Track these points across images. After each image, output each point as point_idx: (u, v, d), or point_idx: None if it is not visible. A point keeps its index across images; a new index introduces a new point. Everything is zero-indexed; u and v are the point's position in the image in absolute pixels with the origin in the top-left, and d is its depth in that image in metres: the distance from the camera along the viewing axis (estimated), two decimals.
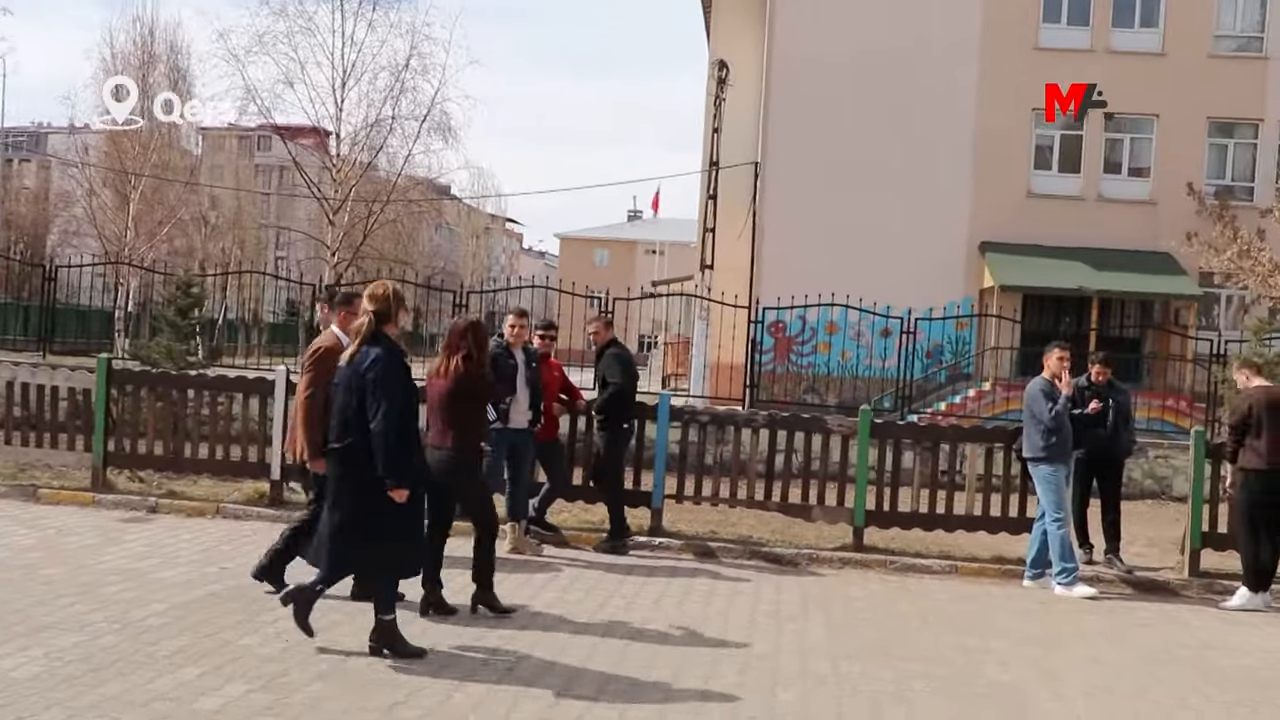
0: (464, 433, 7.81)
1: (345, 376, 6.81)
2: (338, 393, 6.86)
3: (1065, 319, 28.38)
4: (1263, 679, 7.70)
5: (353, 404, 6.72)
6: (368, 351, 6.76)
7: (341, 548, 6.77)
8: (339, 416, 6.82)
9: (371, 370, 6.67)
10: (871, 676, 7.12)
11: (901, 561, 11.00)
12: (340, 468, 6.81)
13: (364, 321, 6.87)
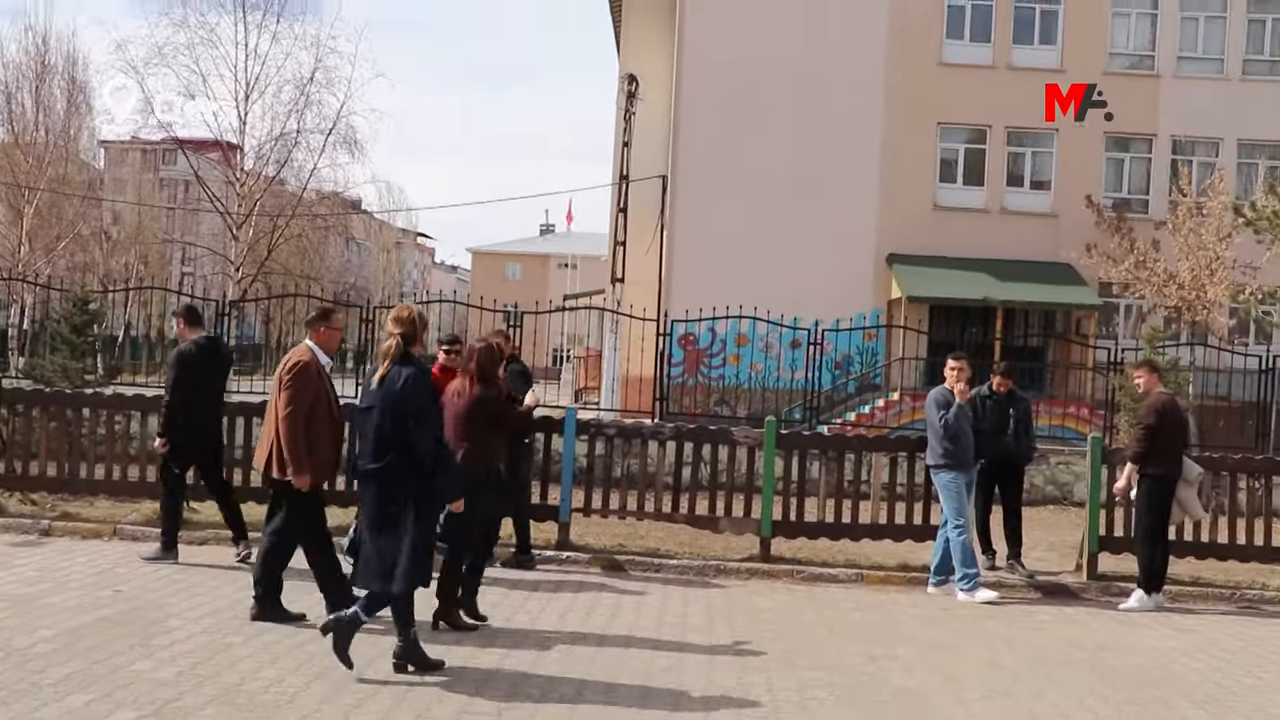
0: (474, 453, 7.88)
1: (379, 397, 6.88)
2: (369, 414, 6.92)
3: (971, 329, 28.83)
4: (1153, 678, 7.86)
5: (387, 424, 6.82)
6: (400, 371, 6.88)
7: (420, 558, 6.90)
8: (375, 436, 6.88)
9: (407, 390, 6.81)
10: (776, 687, 7.13)
11: (808, 571, 11.06)
12: (379, 487, 6.87)
13: (392, 344, 6.99)
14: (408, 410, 6.80)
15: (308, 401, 7.70)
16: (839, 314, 26.15)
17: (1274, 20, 30.24)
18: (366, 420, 6.98)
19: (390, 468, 6.82)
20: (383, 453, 6.83)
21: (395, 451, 6.80)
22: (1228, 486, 11.78)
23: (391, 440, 6.81)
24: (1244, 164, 29.91)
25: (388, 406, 6.83)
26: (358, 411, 7.18)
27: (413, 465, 6.79)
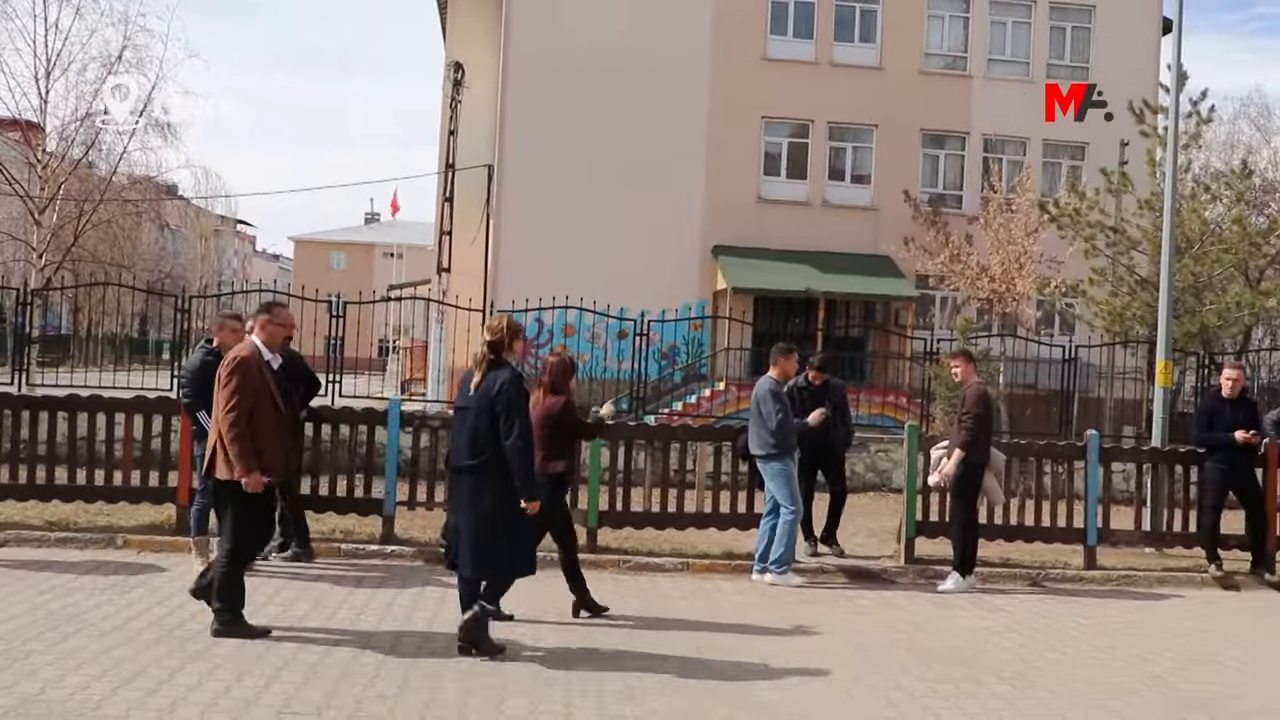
0: (550, 457, 8.51)
1: (475, 400, 7.49)
2: (465, 414, 7.55)
3: (794, 320, 29.44)
4: (965, 657, 8.14)
5: (483, 424, 7.41)
6: (496, 376, 7.48)
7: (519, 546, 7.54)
8: (469, 436, 7.49)
9: (503, 395, 7.38)
10: (603, 677, 7.13)
11: (635, 561, 11.11)
12: (476, 481, 7.44)
13: (481, 352, 7.58)
14: (501, 411, 7.37)
15: (250, 399, 7.54)
16: (666, 305, 26.37)
17: (1073, 28, 31.69)
18: (463, 420, 7.59)
19: (485, 464, 7.41)
20: (478, 450, 7.44)
21: (489, 449, 7.37)
22: (1034, 471, 12.29)
23: (486, 439, 7.40)
24: (1049, 163, 31.27)
25: (484, 408, 7.44)
26: (455, 411, 7.85)
27: (505, 462, 7.36)
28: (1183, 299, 20.90)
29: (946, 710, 6.80)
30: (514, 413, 7.38)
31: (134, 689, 6.34)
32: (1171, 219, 14.78)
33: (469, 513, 7.51)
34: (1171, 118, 15.39)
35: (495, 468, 7.40)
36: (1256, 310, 23.04)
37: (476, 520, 7.45)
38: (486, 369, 7.54)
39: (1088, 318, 23.51)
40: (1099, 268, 23.04)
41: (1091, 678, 7.74)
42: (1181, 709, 7.10)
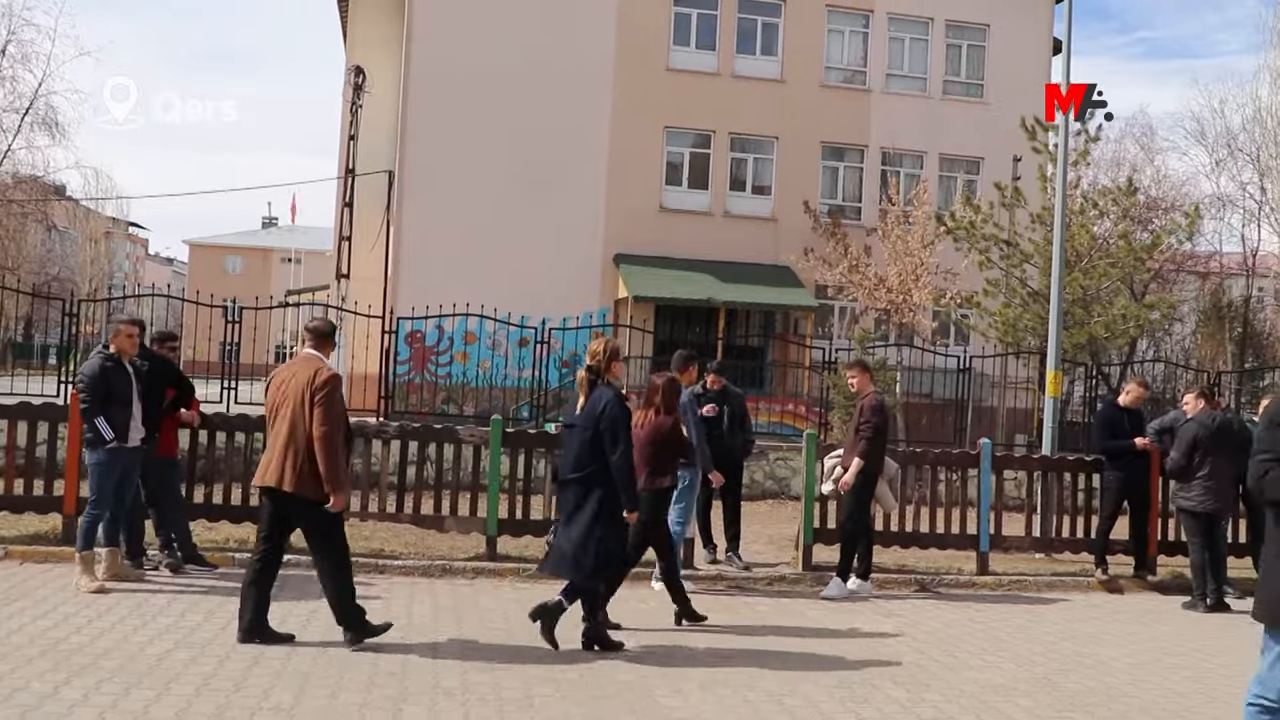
0: (655, 474, 9.00)
1: (582, 417, 8.16)
2: (573, 431, 8.24)
3: (695, 328, 29.61)
4: (861, 661, 8.26)
5: (588, 440, 8.05)
6: (600, 396, 8.13)
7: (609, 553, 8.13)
8: (577, 450, 8.14)
9: (607, 414, 8.03)
10: (501, 685, 7.10)
11: (534, 570, 11.05)
12: (582, 493, 8.09)
13: (583, 375, 8.25)
14: (605, 429, 8.01)
15: (339, 417, 7.72)
16: (568, 312, 26.40)
17: (968, 46, 32.37)
18: (572, 436, 8.27)
19: (589, 477, 8.06)
20: (583, 464, 8.08)
21: (594, 464, 8.01)
22: (929, 479, 12.53)
23: (590, 454, 8.05)
24: (945, 177, 31.89)
25: (588, 425, 8.07)
26: (565, 429, 8.57)
27: (607, 476, 8.01)
28: (1072, 311, 21.42)
29: (842, 715, 6.90)
30: (617, 430, 8.03)
31: (13, 706, 6.16)
32: (1061, 233, 15.19)
33: (574, 519, 8.12)
34: (1062, 135, 15.83)
35: (599, 480, 8.05)
36: (1141, 322, 23.73)
37: (579, 528, 8.07)
38: (589, 390, 8.21)
39: (982, 328, 23.98)
40: (993, 280, 23.53)
41: (981, 680, 7.91)
42: (1068, 709, 7.28)
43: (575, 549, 8.04)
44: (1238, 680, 8.31)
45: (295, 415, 7.63)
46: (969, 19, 32.17)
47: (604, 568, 8.18)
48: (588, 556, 8.03)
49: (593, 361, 8.30)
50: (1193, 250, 44.33)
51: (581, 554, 8.03)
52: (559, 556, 8.20)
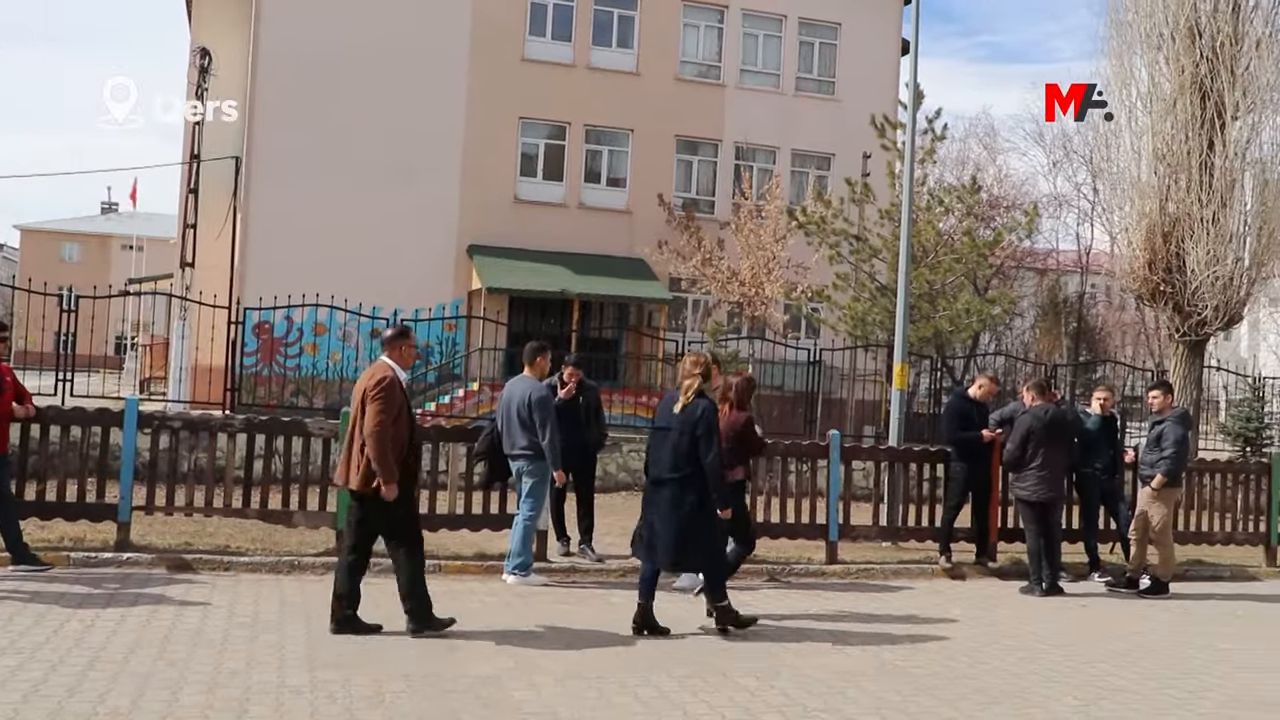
0: (730, 466, 9.45)
1: (678, 422, 8.79)
2: (666, 434, 8.86)
3: (549, 320, 29.56)
4: (712, 651, 8.37)
5: (685, 443, 8.71)
6: (698, 403, 8.82)
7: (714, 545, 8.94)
8: (672, 454, 8.77)
9: (704, 420, 8.74)
10: (350, 683, 6.98)
11: (385, 564, 10.80)
12: (678, 491, 8.71)
13: (692, 384, 8.88)
14: (702, 435, 8.68)
15: (394, 415, 8.22)
16: (421, 304, 26.07)
17: (820, 44, 32.96)
18: (664, 439, 8.89)
19: (686, 477, 8.70)
20: (679, 465, 8.72)
21: (689, 465, 8.66)
22: (779, 470, 12.71)
23: (687, 456, 8.69)
24: (797, 172, 32.42)
25: (686, 430, 8.74)
26: (655, 431, 9.17)
27: (702, 475, 8.67)
28: (918, 305, 22.03)
29: (694, 704, 6.96)
30: (712, 436, 8.72)
31: None
32: (908, 229, 15.56)
33: (671, 517, 8.74)
34: (909, 133, 16.22)
35: (694, 480, 8.69)
36: (984, 317, 24.53)
37: (678, 523, 8.71)
38: (694, 397, 8.85)
39: (831, 322, 24.50)
40: (843, 274, 24.03)
41: (830, 666, 8.07)
42: (913, 693, 7.47)
43: (680, 540, 8.72)
44: (1071, 660, 8.69)
45: (356, 417, 8.34)
46: (821, 17, 32.74)
47: (709, 556, 8.89)
48: (689, 549, 8.77)
49: (701, 371, 9.02)
50: (1032, 248, 46.02)
51: (682, 547, 8.76)
52: (664, 550, 8.82)
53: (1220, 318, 19.06)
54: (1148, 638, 9.86)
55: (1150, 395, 13.06)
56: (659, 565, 8.97)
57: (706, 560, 8.91)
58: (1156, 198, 19.14)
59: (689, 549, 8.79)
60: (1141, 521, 12.15)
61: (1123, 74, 19.78)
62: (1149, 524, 12.07)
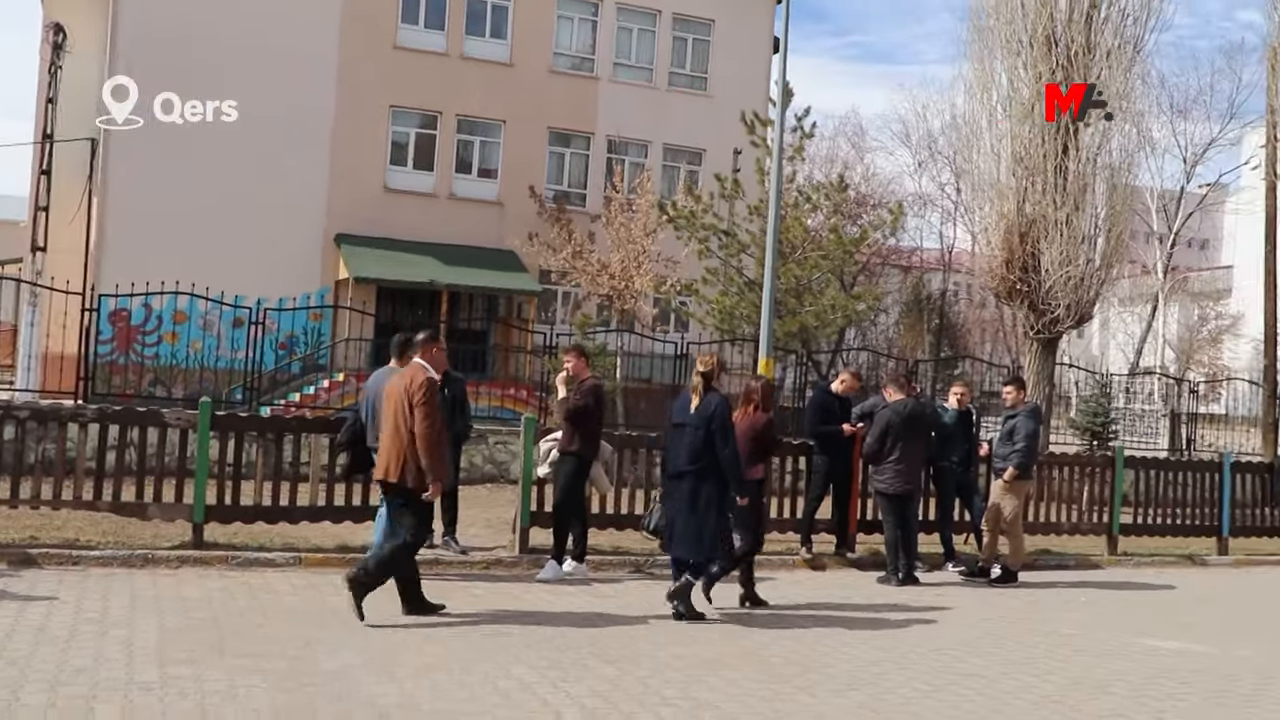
0: (749, 465, 9.83)
1: (694, 418, 9.31)
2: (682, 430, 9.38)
3: (418, 311, 29.28)
4: (575, 642, 8.38)
5: (700, 438, 9.20)
6: (711, 400, 9.33)
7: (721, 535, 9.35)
8: (689, 449, 9.27)
9: (717, 416, 9.23)
10: (203, 678, 6.83)
11: (244, 556, 10.72)
12: (695, 483, 9.23)
13: (698, 382, 9.45)
14: (716, 429, 9.17)
15: (441, 417, 8.74)
16: (287, 292, 25.63)
17: (694, 40, 33.23)
18: (680, 435, 9.39)
19: (702, 470, 9.19)
20: (696, 458, 9.21)
21: (705, 458, 9.15)
22: (644, 462, 12.79)
23: (703, 449, 9.19)
24: (668, 166, 32.65)
25: (702, 425, 9.23)
26: (673, 427, 9.56)
27: (717, 468, 9.17)
28: (785, 300, 22.39)
29: (553, 694, 6.98)
30: (727, 430, 9.22)
31: None
32: (775, 224, 15.80)
33: (689, 508, 9.24)
34: (777, 130, 16.47)
35: (710, 472, 9.19)
36: (849, 313, 25.04)
37: (696, 514, 9.20)
38: (703, 394, 9.34)
39: (700, 316, 24.75)
40: (711, 268, 24.29)
41: (689, 655, 8.16)
42: (769, 680, 7.61)
43: (696, 532, 9.22)
44: (923, 647, 8.94)
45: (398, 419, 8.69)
46: (695, 13, 32.99)
47: (717, 547, 9.34)
48: (706, 538, 9.23)
49: (706, 369, 9.51)
50: (897, 245, 47.11)
51: (700, 536, 9.22)
52: (684, 539, 9.30)
53: (1072, 316, 19.68)
54: (998, 625, 10.18)
55: (1004, 391, 13.50)
56: (679, 554, 9.49)
57: (713, 549, 9.35)
58: (1014, 199, 19.67)
59: (704, 538, 9.25)
60: (994, 513, 12.55)
61: (984, 77, 20.28)
62: (1001, 515, 12.47)
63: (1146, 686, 8.08)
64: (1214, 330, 57.72)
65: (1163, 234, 52.61)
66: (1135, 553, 14.74)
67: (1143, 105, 19.91)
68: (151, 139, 27.10)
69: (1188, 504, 15.59)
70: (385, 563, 8.74)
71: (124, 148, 27.42)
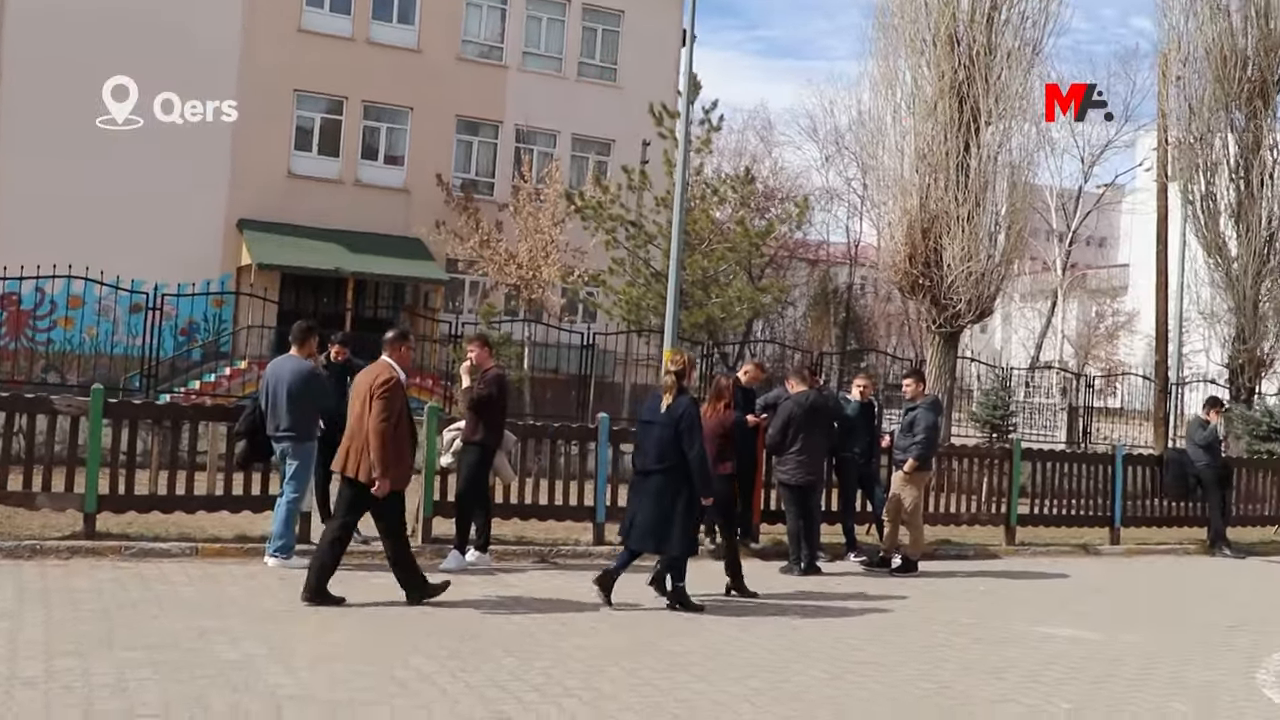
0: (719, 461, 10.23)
1: (663, 418, 9.50)
2: (651, 428, 9.59)
3: (323, 299, 28.92)
4: (475, 631, 8.36)
5: (668, 437, 9.40)
6: (680, 401, 9.51)
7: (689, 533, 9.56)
8: (657, 448, 9.47)
9: (686, 416, 9.42)
10: (90, 671, 6.67)
11: (138, 547, 10.48)
12: (663, 481, 9.41)
13: (670, 381, 9.68)
14: (685, 429, 9.37)
15: (398, 414, 8.80)
16: (189, 278, 25.16)
17: (603, 30, 33.19)
18: (649, 433, 9.59)
19: (670, 468, 9.40)
20: (663, 457, 9.43)
21: (674, 458, 9.36)
22: (549, 452, 12.76)
23: (671, 449, 9.38)
24: (577, 157, 32.60)
25: (669, 424, 9.43)
26: (641, 425, 9.85)
27: (685, 467, 9.36)
28: (692, 292, 22.50)
29: (451, 684, 6.93)
30: (695, 429, 9.42)
31: None
32: (680, 215, 15.86)
33: (655, 505, 9.42)
34: (683, 122, 16.51)
35: (678, 471, 9.36)
36: (754, 305, 25.22)
37: (661, 510, 9.40)
38: (675, 394, 9.53)
39: (607, 306, 24.75)
40: (618, 259, 24.30)
41: (590, 645, 8.16)
42: (669, 669, 7.63)
43: (661, 528, 9.39)
44: (824, 636, 9.05)
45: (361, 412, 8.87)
46: (604, 4, 32.98)
47: (685, 542, 9.50)
48: (673, 535, 9.39)
49: (677, 369, 9.77)
50: (804, 239, 47.54)
51: (667, 532, 9.39)
52: (644, 533, 9.50)
53: (973, 311, 20.05)
54: (897, 614, 10.33)
55: (904, 383, 13.69)
56: (637, 547, 9.66)
57: (682, 544, 9.49)
58: (917, 195, 19.98)
59: (669, 533, 9.40)
60: (894, 503, 12.72)
61: (889, 75, 20.56)
62: (901, 506, 12.65)
63: (1039, 672, 8.26)
64: (1111, 326, 59.24)
65: (1062, 232, 53.89)
66: (1032, 542, 15.04)
67: (1043, 106, 20.29)
68: (44, 119, 26.45)
69: (1082, 495, 15.96)
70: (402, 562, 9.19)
71: (15, 127, 26.71)
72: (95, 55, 26.73)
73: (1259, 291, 23.21)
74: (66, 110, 26.55)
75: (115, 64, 26.70)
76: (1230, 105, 23.10)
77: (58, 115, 26.51)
